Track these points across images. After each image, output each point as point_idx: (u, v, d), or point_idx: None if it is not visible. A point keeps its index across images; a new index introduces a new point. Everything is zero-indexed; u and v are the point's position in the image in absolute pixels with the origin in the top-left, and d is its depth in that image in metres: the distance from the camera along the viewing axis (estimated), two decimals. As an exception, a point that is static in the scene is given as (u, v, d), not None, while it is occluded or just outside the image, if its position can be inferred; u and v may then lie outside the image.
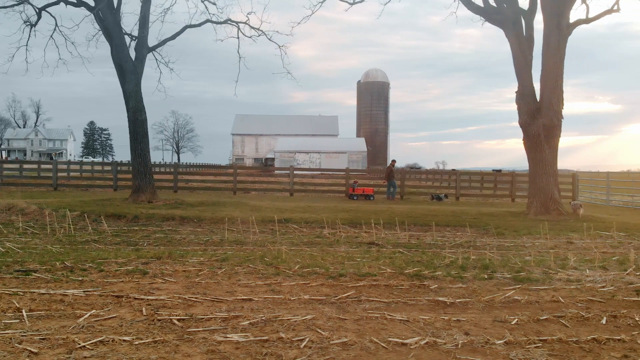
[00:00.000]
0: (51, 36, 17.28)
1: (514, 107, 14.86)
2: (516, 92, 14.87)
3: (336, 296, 5.83)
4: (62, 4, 16.35)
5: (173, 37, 16.55)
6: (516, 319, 5.11)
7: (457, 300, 5.81)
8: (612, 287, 6.56)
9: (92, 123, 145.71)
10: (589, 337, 4.57)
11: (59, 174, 27.09)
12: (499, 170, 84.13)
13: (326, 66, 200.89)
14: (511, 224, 12.99)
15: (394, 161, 24.56)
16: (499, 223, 12.93)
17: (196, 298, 5.62)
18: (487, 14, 14.76)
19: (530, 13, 14.85)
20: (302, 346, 4.21)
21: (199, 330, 4.57)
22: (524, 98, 14.59)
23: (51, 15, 17.16)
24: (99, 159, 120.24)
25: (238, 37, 17.33)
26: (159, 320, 4.86)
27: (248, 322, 4.82)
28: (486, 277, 7.04)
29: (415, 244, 9.89)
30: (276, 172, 47.13)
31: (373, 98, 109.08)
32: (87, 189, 22.21)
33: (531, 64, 14.73)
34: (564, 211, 14.44)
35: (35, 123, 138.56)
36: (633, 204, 19.68)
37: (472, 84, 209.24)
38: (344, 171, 23.79)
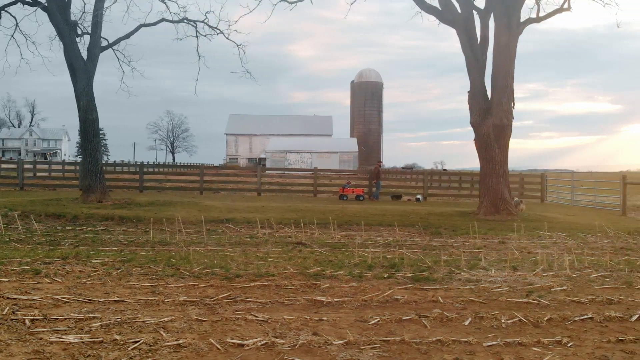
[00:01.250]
0: (12, 36, 17.25)
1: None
2: (468, 92, 14.82)
3: (214, 297, 5.77)
4: (19, 3, 16.30)
5: (127, 37, 16.49)
6: (378, 319, 5.07)
7: (336, 300, 5.76)
8: (506, 288, 6.51)
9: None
10: (433, 339, 4.52)
11: (33, 174, 27.06)
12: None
13: (326, 66, 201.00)
14: (455, 223, 12.95)
15: (379, 162, 24.57)
16: (442, 223, 12.89)
17: (68, 299, 5.56)
18: (439, 13, 14.71)
19: (486, 12, 14.78)
20: (130, 348, 4.15)
21: (43, 331, 4.52)
22: (475, 98, 14.54)
23: (11, 14, 17.11)
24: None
25: (197, 36, 17.31)
26: (12, 319, 4.81)
27: (100, 323, 4.76)
28: (386, 276, 7.00)
29: (343, 243, 9.84)
30: (267, 172, 47.15)
31: (367, 98, 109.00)
32: (54, 188, 22.13)
33: (484, 64, 14.66)
34: (515, 211, 14.39)
35: (30, 123, 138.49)
36: (596, 204, 19.65)
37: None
38: (312, 171, 23.74)
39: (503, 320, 5.11)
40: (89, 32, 16.49)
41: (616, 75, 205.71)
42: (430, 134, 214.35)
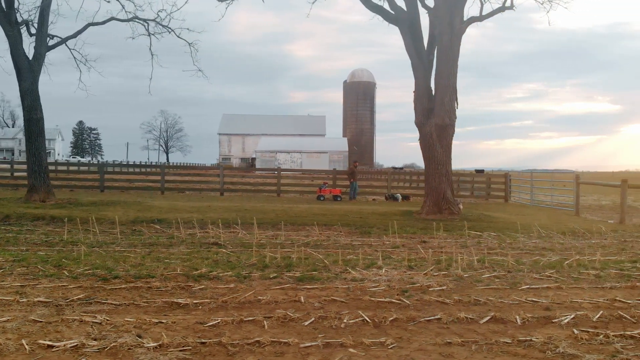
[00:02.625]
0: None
1: (513, 107, 15.07)
2: (413, 92, 14.75)
3: (70, 298, 5.71)
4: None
5: (74, 36, 16.43)
6: (219, 320, 5.00)
7: (195, 302, 5.70)
8: (383, 287, 6.46)
9: (81, 123, 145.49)
10: (253, 340, 4.46)
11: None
12: (482, 171, 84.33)
13: (326, 66, 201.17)
14: (391, 223, 12.88)
15: (355, 162, 24.56)
16: (379, 222, 12.83)
17: None
18: (384, 12, 14.62)
19: (436, 11, 14.70)
20: None
21: None
22: (419, 98, 14.48)
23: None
24: (87, 159, 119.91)
25: (149, 35, 17.23)
26: None
27: None
28: (273, 276, 6.93)
29: (262, 243, 9.76)
30: (257, 172, 46.98)
31: (359, 98, 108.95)
32: (17, 188, 22.04)
33: (430, 64, 14.60)
34: (456, 211, 14.32)
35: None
36: (553, 204, 19.60)
37: (470, 84, 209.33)
38: (276, 170, 23.70)
39: (345, 321, 5.05)
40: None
41: (616, 75, 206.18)
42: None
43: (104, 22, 16.62)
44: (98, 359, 4.08)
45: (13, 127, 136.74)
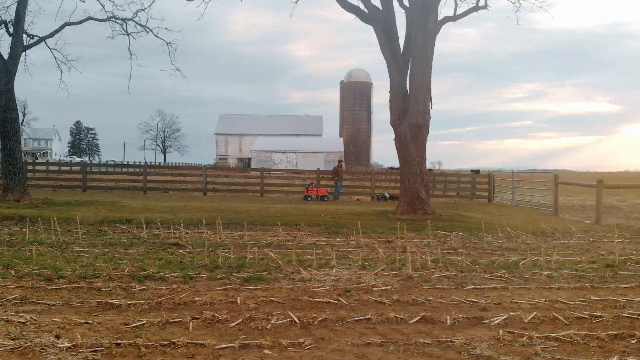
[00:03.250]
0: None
1: (512, 107, 14.99)
2: (389, 91, 14.73)
3: (4, 298, 5.68)
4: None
5: (51, 35, 16.41)
6: (144, 322, 4.97)
7: (129, 302, 5.66)
8: (328, 288, 6.43)
9: (78, 123, 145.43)
10: (169, 342, 4.43)
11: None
12: (478, 171, 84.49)
13: (325, 66, 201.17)
14: (362, 223, 12.84)
15: (340, 162, 24.52)
16: (350, 222, 12.79)
17: None
18: (359, 12, 14.58)
19: (410, 10, 14.65)
20: None
21: None
22: (394, 97, 14.45)
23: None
24: (84, 159, 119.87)
25: (127, 34, 17.20)
26: None
27: None
28: (220, 277, 6.90)
29: (225, 244, 9.73)
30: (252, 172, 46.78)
31: (356, 98, 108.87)
32: None
33: (406, 64, 14.55)
34: (430, 211, 14.28)
35: (22, 122, 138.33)
36: (533, 204, 19.57)
37: (470, 84, 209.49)
38: (259, 170, 23.68)
39: (272, 322, 5.01)
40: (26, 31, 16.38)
41: (616, 75, 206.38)
42: (429, 134, 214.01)
43: (80, 22, 16.59)
44: (9, 358, 4.05)
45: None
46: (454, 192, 26.45)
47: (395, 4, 14.87)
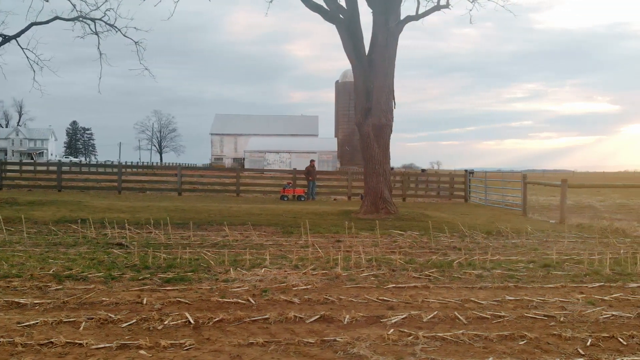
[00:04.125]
0: None
1: (512, 107, 14.92)
2: (354, 91, 14.68)
3: None
4: None
5: (18, 35, 16.39)
6: (39, 321, 4.93)
7: (36, 302, 5.62)
8: (247, 288, 6.39)
9: (74, 123, 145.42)
10: (47, 341, 4.39)
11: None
12: (472, 172, 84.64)
13: (326, 66, 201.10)
14: (321, 222, 12.83)
15: (312, 161, 24.48)
16: (311, 222, 12.76)
17: None
18: (324, 11, 14.53)
19: (372, 10, 14.60)
20: None
21: None
22: (358, 97, 14.42)
23: None
24: (80, 159, 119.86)
25: (97, 34, 17.16)
26: None
27: None
28: (142, 278, 6.86)
29: (169, 244, 9.68)
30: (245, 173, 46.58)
31: (351, 98, 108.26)
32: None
33: (372, 63, 14.49)
34: (393, 210, 14.25)
35: (18, 123, 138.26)
36: (503, 204, 19.55)
37: (470, 84, 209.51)
38: (235, 170, 23.63)
39: (166, 322, 4.97)
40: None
41: (615, 76, 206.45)
42: (430, 134, 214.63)
43: (47, 22, 16.57)
44: None
45: (6, 127, 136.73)
46: (434, 192, 26.45)
47: (363, 4, 14.83)
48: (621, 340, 4.61)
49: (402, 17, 14.25)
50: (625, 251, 9.27)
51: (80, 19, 16.81)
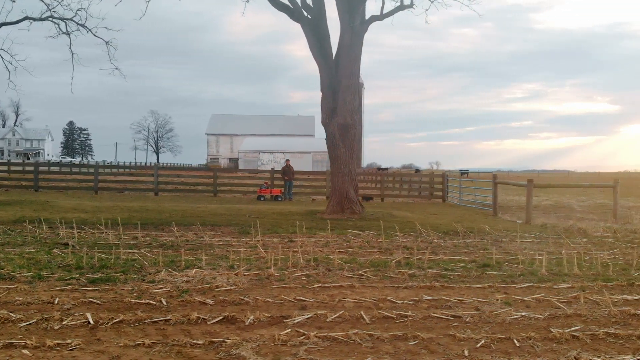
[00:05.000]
0: None
1: (512, 107, 14.93)
2: (321, 90, 14.65)
3: None
4: None
5: (-15, 35, 16.35)
6: None
7: (-55, 302, 5.59)
8: (169, 288, 6.35)
9: (71, 123, 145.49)
10: None
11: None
12: (466, 172, 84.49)
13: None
14: (281, 222, 12.80)
15: (287, 161, 24.45)
16: (272, 222, 12.77)
17: None
18: (290, 11, 14.48)
19: (338, 9, 14.55)
20: None
21: None
22: (325, 97, 14.40)
23: None
24: (78, 159, 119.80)
25: (68, 34, 17.13)
26: None
27: None
28: (69, 278, 6.81)
29: (117, 244, 9.63)
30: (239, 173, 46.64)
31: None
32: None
33: (338, 62, 14.46)
34: (358, 210, 14.22)
35: (15, 123, 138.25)
36: (476, 204, 19.52)
37: (470, 84, 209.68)
38: (212, 170, 23.59)
39: (65, 322, 4.94)
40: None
41: (615, 76, 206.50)
42: (429, 134, 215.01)
43: (17, 22, 16.57)
44: None
45: (3, 127, 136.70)
46: (416, 193, 26.43)
47: (331, 4, 14.80)
48: (516, 341, 4.57)
49: (367, 17, 14.21)
50: (577, 252, 9.27)
51: (50, 19, 16.80)
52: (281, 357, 4.13)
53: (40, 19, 16.64)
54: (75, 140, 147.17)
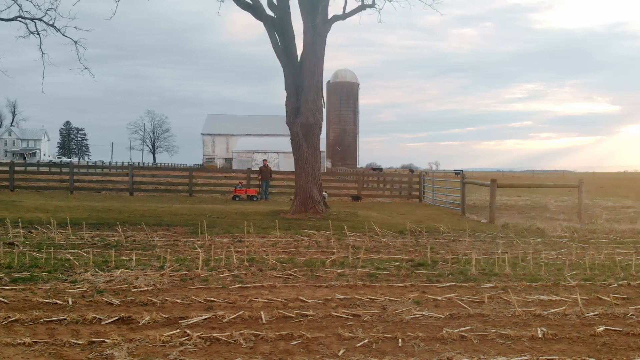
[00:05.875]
0: None
1: (512, 108, 15.12)
2: (285, 89, 14.62)
3: None
4: None
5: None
6: None
7: None
8: (85, 289, 6.30)
9: (68, 123, 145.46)
10: None
11: None
12: (460, 173, 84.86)
13: (325, 66, 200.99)
14: (242, 223, 12.73)
15: (265, 161, 24.41)
16: (230, 223, 12.75)
17: None
18: (253, 9, 14.43)
19: (301, 9, 14.51)
20: None
21: None
22: (289, 97, 14.37)
23: None
24: (74, 159, 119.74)
25: (38, 34, 17.11)
26: None
27: None
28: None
29: (62, 244, 9.61)
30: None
31: (342, 98, 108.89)
32: None
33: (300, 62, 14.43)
34: (321, 210, 14.18)
35: (12, 123, 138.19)
36: (447, 203, 19.50)
37: (469, 85, 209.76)
38: (188, 170, 23.54)
39: (-46, 323, 4.91)
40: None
41: (615, 76, 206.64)
42: (429, 134, 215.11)
43: (-17, 21, 16.54)
44: None
45: (0, 127, 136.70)
46: (396, 192, 26.42)
47: (296, 4, 14.73)
48: (400, 341, 4.53)
49: (329, 17, 14.18)
50: (524, 252, 9.28)
51: (20, 19, 16.77)
52: (151, 357, 4.10)
53: (9, 19, 16.64)
54: (72, 140, 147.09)
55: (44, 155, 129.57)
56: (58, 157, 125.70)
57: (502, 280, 7.07)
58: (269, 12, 14.36)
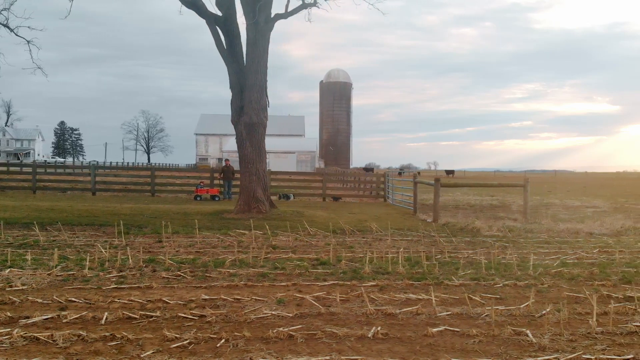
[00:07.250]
0: None
1: (511, 108, 14.79)
2: (230, 88, 14.57)
3: None
4: None
5: None
6: None
7: None
8: (28, 287, 6.31)
9: (62, 123, 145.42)
10: None
11: None
12: (452, 172, 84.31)
13: (323, 66, 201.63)
14: (179, 223, 12.68)
15: (227, 160, 24.32)
16: (169, 222, 12.67)
17: None
18: (197, 7, 14.35)
19: (244, 8, 14.44)
20: None
21: None
22: (233, 96, 14.32)
23: None
24: (69, 160, 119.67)
25: (-9, 34, 17.07)
26: None
27: None
28: None
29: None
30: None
31: (335, 98, 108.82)
32: None
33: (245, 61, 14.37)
34: (264, 210, 14.11)
35: (6, 123, 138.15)
36: (403, 203, 19.48)
37: (469, 85, 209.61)
38: (150, 169, 23.50)
39: None
40: None
41: (615, 76, 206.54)
42: (429, 134, 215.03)
43: None
44: None
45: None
46: (367, 192, 26.39)
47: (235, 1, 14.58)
48: (223, 341, 4.49)
49: (272, 15, 14.13)
50: (441, 250, 9.26)
51: (-32, 19, 16.77)
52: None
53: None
54: (66, 140, 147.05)
55: (38, 155, 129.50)
56: (52, 157, 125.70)
57: (389, 278, 7.02)
58: (213, 10, 14.31)
